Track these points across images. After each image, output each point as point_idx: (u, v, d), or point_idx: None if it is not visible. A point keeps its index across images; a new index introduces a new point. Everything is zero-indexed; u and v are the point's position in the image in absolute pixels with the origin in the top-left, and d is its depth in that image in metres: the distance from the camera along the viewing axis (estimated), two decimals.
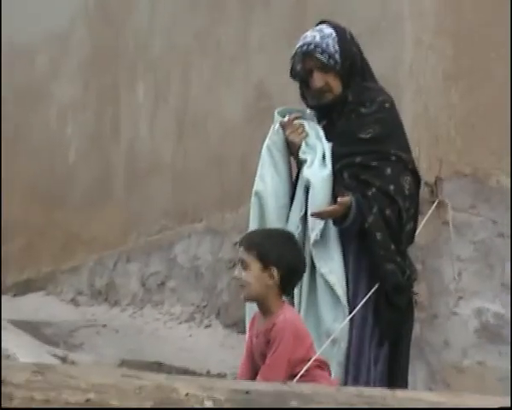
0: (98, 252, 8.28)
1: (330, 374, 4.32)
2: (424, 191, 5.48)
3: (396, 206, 4.66)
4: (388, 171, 4.66)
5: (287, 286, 4.34)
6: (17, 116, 9.56)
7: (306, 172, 4.72)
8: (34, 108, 9.39)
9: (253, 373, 4.37)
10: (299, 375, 4.18)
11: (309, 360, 4.22)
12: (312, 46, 4.83)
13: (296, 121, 4.89)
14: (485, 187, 6.00)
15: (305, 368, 4.17)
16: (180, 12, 7.74)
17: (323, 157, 4.78)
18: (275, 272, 4.15)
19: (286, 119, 4.87)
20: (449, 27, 6.21)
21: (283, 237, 4.53)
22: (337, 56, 4.80)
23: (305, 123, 4.88)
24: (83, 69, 8.85)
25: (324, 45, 4.84)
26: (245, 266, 4.25)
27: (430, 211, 5.56)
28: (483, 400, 3.41)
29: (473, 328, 5.87)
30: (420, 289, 5.46)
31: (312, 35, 4.90)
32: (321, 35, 4.87)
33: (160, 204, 7.91)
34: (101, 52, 8.64)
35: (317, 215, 4.61)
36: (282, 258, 4.24)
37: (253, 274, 4.24)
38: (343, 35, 4.95)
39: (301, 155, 4.74)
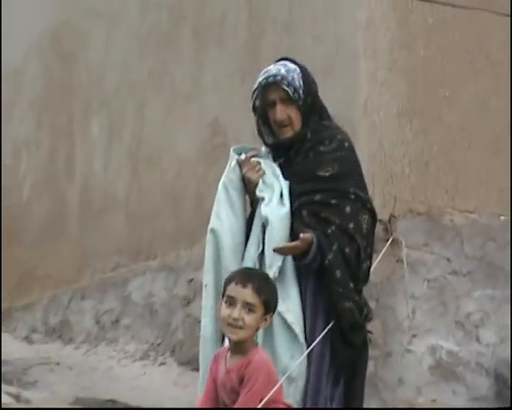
0: (52, 289, 8.27)
1: None
2: (378, 229, 5.19)
3: (355, 244, 4.50)
4: (348, 209, 4.51)
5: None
6: None
7: (264, 209, 4.48)
8: None
9: (212, 406, 4.18)
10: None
11: (278, 402, 4.06)
12: (279, 77, 4.67)
13: (253, 159, 4.66)
14: (438, 225, 5.99)
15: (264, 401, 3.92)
16: (134, 49, 7.77)
17: (281, 195, 4.57)
18: (270, 317, 4.11)
19: (243, 156, 4.68)
20: (403, 65, 6.22)
21: (272, 282, 4.31)
22: (301, 92, 4.65)
23: (262, 161, 4.68)
24: (36, 106, 8.99)
25: (290, 78, 4.66)
26: (250, 308, 4.08)
27: (384, 249, 5.48)
28: None
29: (427, 365, 5.80)
30: (374, 326, 5.10)
31: (277, 68, 4.73)
32: (286, 69, 4.70)
33: (115, 241, 7.91)
34: (54, 88, 8.78)
35: (279, 251, 4.40)
36: (276, 304, 4.17)
37: (256, 318, 4.10)
38: (306, 72, 4.76)
39: (258, 193, 4.55)
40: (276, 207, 4.52)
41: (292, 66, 4.67)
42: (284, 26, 6.69)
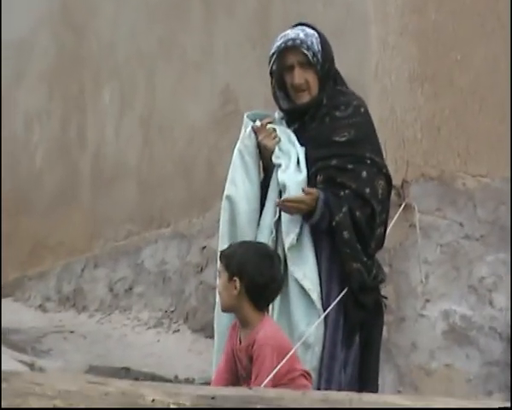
0: (65, 258, 8.22)
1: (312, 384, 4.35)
2: (391, 194, 5.22)
3: (369, 208, 4.59)
4: (364, 174, 4.59)
5: (258, 300, 4.26)
6: None
7: (282, 176, 4.64)
8: None
9: (230, 380, 4.29)
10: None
11: (294, 371, 4.19)
12: (298, 41, 4.72)
13: (269, 126, 4.80)
14: (450, 190, 5.97)
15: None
16: (143, 18, 7.68)
17: (298, 162, 4.72)
18: (237, 282, 4.14)
19: (258, 123, 4.77)
20: (414, 29, 6.19)
21: (255, 251, 4.45)
22: (319, 56, 4.71)
23: (277, 127, 4.78)
24: (47, 76, 8.79)
25: (309, 42, 4.72)
26: (219, 274, 4.28)
27: (397, 214, 5.51)
28: (449, 402, 3.41)
29: (440, 330, 5.83)
30: (387, 292, 5.33)
31: (295, 32, 4.79)
32: (304, 33, 4.77)
33: (127, 209, 7.85)
34: (65, 58, 8.61)
35: (281, 204, 4.57)
36: (245, 270, 4.22)
37: (222, 283, 4.26)
38: (324, 38, 4.83)
39: (275, 160, 4.68)
40: (293, 173, 4.58)
41: (310, 31, 4.70)
42: None
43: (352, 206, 4.57)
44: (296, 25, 4.90)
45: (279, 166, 4.64)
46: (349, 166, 4.58)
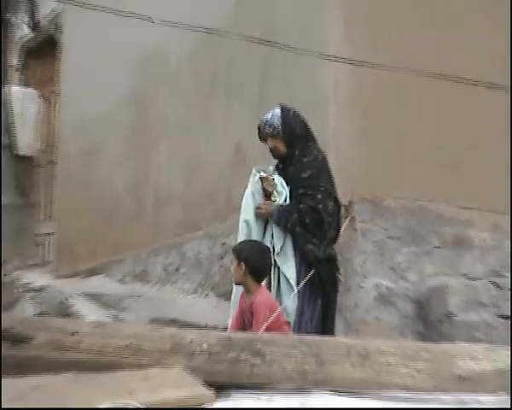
0: (137, 250, 8.19)
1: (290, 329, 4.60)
2: (342, 210, 5.47)
3: (319, 217, 4.75)
4: (319, 196, 4.72)
5: (256, 277, 4.53)
6: (79, 173, 9.37)
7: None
8: (91, 163, 9.25)
9: (240, 327, 4.58)
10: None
11: (279, 321, 4.50)
12: (263, 123, 4.95)
13: (269, 177, 4.95)
14: (380, 207, 6.02)
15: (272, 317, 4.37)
16: (187, 99, 7.66)
17: (285, 199, 4.90)
18: (243, 266, 4.43)
19: (263, 174, 4.95)
20: (359, 106, 6.07)
21: (255, 246, 4.75)
22: (280, 129, 4.87)
23: (275, 177, 4.95)
24: (125, 134, 8.61)
25: (271, 121, 4.93)
26: (231, 261, 4.59)
27: (346, 223, 5.64)
28: (379, 342, 3.31)
29: (372, 296, 5.91)
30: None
31: (266, 115, 4.99)
32: (271, 114, 4.94)
33: (175, 220, 7.75)
34: (138, 126, 8.51)
35: (257, 212, 4.85)
36: (248, 259, 4.50)
37: (233, 267, 4.53)
38: (286, 113, 4.97)
39: (273, 199, 4.87)
40: None
41: (277, 111, 4.90)
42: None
43: (302, 214, 4.77)
44: (277, 105, 5.07)
45: (275, 202, 4.86)
46: (309, 192, 4.77)
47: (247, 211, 4.97)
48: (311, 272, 4.75)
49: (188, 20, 5.94)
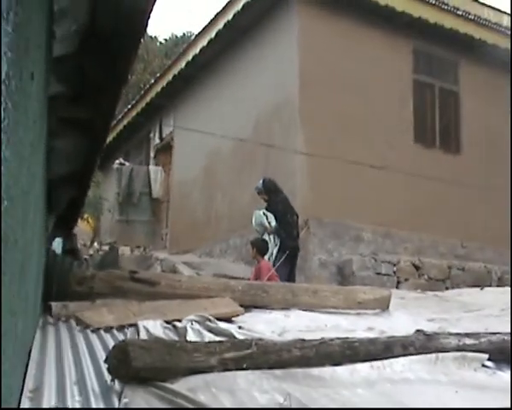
0: (207, 241, 9.84)
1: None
2: (303, 223, 7.29)
3: (291, 222, 6.29)
4: (288, 215, 6.39)
5: (261, 254, 6.07)
6: (180, 205, 11.19)
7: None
8: (185, 201, 11.10)
9: (254, 279, 5.57)
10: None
11: (272, 274, 5.71)
12: (256, 187, 6.56)
13: (267, 213, 6.16)
14: (321, 222, 7.85)
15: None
16: (231, 171, 9.39)
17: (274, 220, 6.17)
18: (255, 249, 6.03)
19: (264, 221, 6.26)
20: (311, 176, 7.78)
21: (260, 240, 6.18)
22: (263, 190, 6.54)
23: (268, 214, 6.19)
24: (202, 190, 10.50)
25: (260, 187, 6.57)
26: (250, 248, 6.07)
27: (305, 229, 7.39)
28: (321, 286, 4.59)
29: (317, 263, 7.83)
30: (300, 255, 7.04)
31: (257, 183, 6.55)
32: (260, 182, 6.56)
33: (225, 227, 9.32)
34: (205, 189, 10.35)
35: (265, 228, 5.95)
36: (257, 246, 6.05)
37: (253, 253, 6.03)
38: (267, 184, 6.62)
39: (269, 220, 6.19)
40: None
41: (261, 181, 6.60)
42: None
43: (278, 223, 6.11)
44: (262, 177, 6.76)
45: (270, 223, 6.07)
46: (282, 213, 6.25)
47: (259, 226, 6.44)
48: (286, 253, 6.28)
49: (231, 134, 8.23)
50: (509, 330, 2.95)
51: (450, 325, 3.78)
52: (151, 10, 2.08)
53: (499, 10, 10.47)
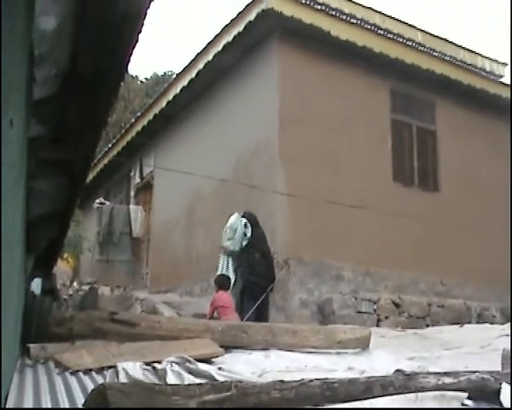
0: (188, 280, 9.78)
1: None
2: (283, 262, 7.51)
3: (267, 260, 6.53)
4: (262, 252, 6.58)
5: (221, 289, 6.23)
6: (161, 245, 11.13)
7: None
8: (166, 240, 11.05)
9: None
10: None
11: (227, 307, 5.78)
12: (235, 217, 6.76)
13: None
14: (301, 261, 7.84)
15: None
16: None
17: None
18: (216, 286, 6.17)
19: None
20: (291, 217, 7.80)
21: (221, 277, 6.35)
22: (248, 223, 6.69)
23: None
24: (184, 230, 10.45)
25: (247, 217, 6.79)
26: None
27: (285, 268, 7.41)
28: (301, 326, 4.58)
29: (298, 302, 7.72)
30: (280, 294, 7.39)
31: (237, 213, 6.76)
32: (241, 213, 6.80)
33: (205, 266, 8.91)
34: (186, 233, 10.28)
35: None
36: (218, 282, 6.16)
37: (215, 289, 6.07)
38: (248, 215, 6.89)
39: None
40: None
41: (241, 214, 6.83)
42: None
43: (255, 261, 6.34)
44: (245, 211, 6.91)
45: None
46: (251, 250, 6.46)
47: (230, 228, 6.55)
48: (242, 286, 6.40)
49: (212, 173, 8.24)
50: (487, 369, 2.99)
51: (430, 363, 3.88)
52: (131, 53, 2.11)
53: (474, 52, 11.14)
